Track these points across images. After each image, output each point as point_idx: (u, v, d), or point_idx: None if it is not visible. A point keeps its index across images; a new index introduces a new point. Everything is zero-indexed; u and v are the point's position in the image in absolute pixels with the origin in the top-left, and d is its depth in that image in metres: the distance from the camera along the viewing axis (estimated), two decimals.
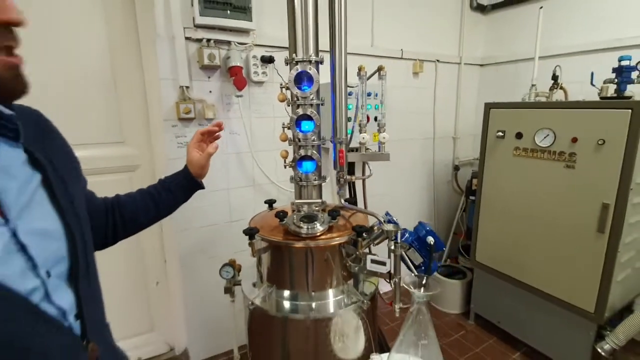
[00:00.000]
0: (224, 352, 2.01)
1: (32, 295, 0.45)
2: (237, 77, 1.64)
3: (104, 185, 1.02)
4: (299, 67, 1.12)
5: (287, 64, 1.15)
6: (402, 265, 1.18)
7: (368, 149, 1.45)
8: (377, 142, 1.42)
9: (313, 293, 1.17)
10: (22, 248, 0.45)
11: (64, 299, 0.50)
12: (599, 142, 1.51)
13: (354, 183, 2.17)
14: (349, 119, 1.42)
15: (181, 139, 1.66)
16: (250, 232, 1.13)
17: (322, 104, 1.20)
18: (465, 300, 2.38)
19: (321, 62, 1.17)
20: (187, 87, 1.62)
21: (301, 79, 1.13)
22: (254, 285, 1.25)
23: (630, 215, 1.52)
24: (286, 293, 1.18)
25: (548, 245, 1.77)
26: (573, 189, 1.63)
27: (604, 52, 2.02)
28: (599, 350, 1.61)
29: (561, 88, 1.99)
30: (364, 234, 1.13)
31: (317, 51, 1.15)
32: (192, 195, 1.00)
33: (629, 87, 1.70)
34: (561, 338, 1.79)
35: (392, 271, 1.11)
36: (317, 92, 1.16)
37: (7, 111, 0.48)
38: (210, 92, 1.69)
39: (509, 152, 1.88)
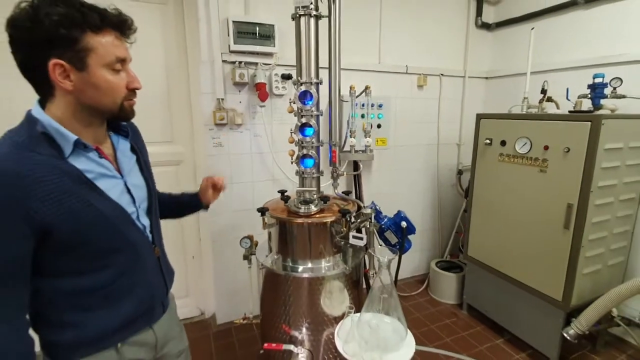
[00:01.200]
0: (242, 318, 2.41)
1: (132, 215, 0.87)
2: (261, 91, 2.05)
3: (156, 175, 1.43)
4: (303, 87, 1.49)
5: (294, 84, 1.53)
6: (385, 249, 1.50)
7: (357, 151, 1.78)
8: (364, 145, 1.73)
9: (309, 260, 1.52)
10: (129, 191, 0.87)
11: (145, 220, 0.93)
12: (565, 150, 1.73)
13: (358, 179, 2.49)
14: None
15: (216, 140, 2.09)
16: (262, 210, 1.51)
17: (320, 115, 1.55)
18: (460, 292, 2.61)
19: (320, 83, 1.53)
20: (222, 99, 2.05)
21: (304, 96, 1.50)
22: (266, 256, 1.63)
23: (593, 215, 1.72)
24: (289, 259, 1.54)
25: (525, 240, 2.00)
26: (545, 191, 1.86)
27: (592, 68, 2.20)
28: (565, 334, 1.81)
29: (552, 101, 2.20)
30: (347, 215, 1.47)
31: (317, 75, 1.51)
32: (197, 212, 1.29)
33: (609, 101, 1.90)
34: (537, 325, 2.00)
35: (367, 244, 1.44)
36: (317, 105, 1.52)
37: (123, 123, 0.91)
38: (240, 102, 2.11)
39: (495, 158, 2.12)
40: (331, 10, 1.53)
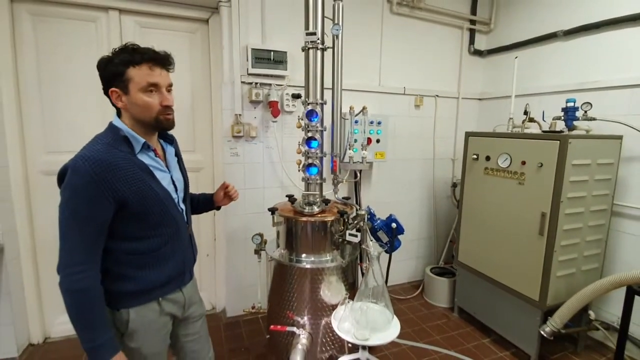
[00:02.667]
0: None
1: (175, 200, 1.17)
2: (274, 108, 2.35)
3: None
4: (310, 107, 1.77)
5: (303, 104, 1.81)
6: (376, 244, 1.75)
7: (355, 161, 2.04)
8: (361, 157, 1.99)
9: (311, 253, 1.76)
10: (173, 183, 1.18)
11: (182, 206, 1.23)
12: (539, 165, 1.97)
13: (357, 187, 2.74)
14: (355, 141, 2.05)
15: (233, 150, 2.39)
16: (272, 209, 1.78)
17: (324, 130, 1.83)
18: (452, 296, 2.80)
19: (325, 104, 1.81)
20: (240, 115, 2.35)
21: (311, 114, 1.78)
22: (273, 251, 1.88)
23: (564, 223, 1.94)
24: (294, 252, 1.79)
25: (507, 246, 2.21)
26: (523, 201, 2.08)
27: (571, 93, 2.45)
28: (542, 332, 2.00)
29: (534, 121, 2.44)
30: (344, 215, 1.72)
31: (322, 96, 1.79)
32: (210, 211, 1.54)
33: (583, 123, 2.15)
34: (518, 324, 2.19)
35: (361, 240, 1.69)
36: (321, 122, 1.80)
37: (169, 133, 1.22)
38: (255, 118, 2.41)
39: (481, 171, 2.36)
40: (335, 44, 1.83)
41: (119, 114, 1.10)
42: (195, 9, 2.30)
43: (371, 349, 2.28)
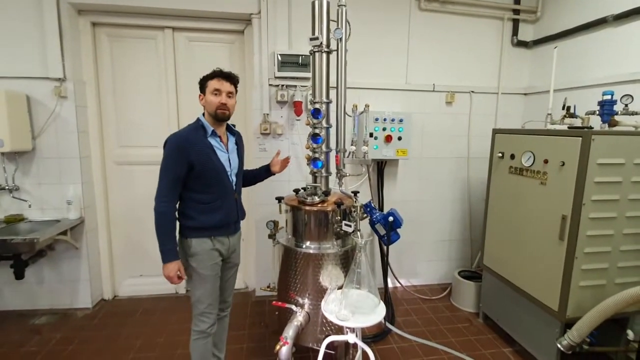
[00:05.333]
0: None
1: (227, 172, 1.70)
2: (297, 108, 2.55)
3: None
4: (316, 106, 1.93)
5: (309, 104, 1.98)
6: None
7: (357, 157, 2.13)
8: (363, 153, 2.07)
9: (312, 240, 1.92)
10: (229, 161, 1.72)
11: (233, 178, 1.75)
12: (561, 164, 1.82)
13: (382, 186, 2.80)
14: (371, 135, 2.14)
15: (261, 146, 2.66)
16: (279, 199, 1.98)
17: (330, 127, 1.97)
18: (478, 300, 2.67)
19: (329, 103, 1.95)
20: (267, 114, 2.61)
21: (316, 112, 1.93)
22: (282, 236, 2.08)
23: (587, 228, 1.76)
24: (299, 238, 1.96)
25: (528, 250, 2.07)
26: (544, 202, 1.94)
27: (623, 84, 2.17)
28: (558, 345, 1.84)
29: (574, 116, 2.21)
30: (340, 206, 1.84)
31: (327, 96, 1.93)
32: (268, 178, 2.10)
33: (631, 118, 1.91)
34: (539, 336, 2.04)
35: (353, 230, 1.79)
36: (327, 119, 1.94)
37: (234, 127, 1.81)
38: (281, 117, 2.65)
39: (506, 170, 2.24)
40: (339, 46, 1.95)
41: (204, 113, 1.68)
42: (232, 22, 2.63)
43: (378, 340, 2.35)
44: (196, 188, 1.63)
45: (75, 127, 2.46)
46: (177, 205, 1.65)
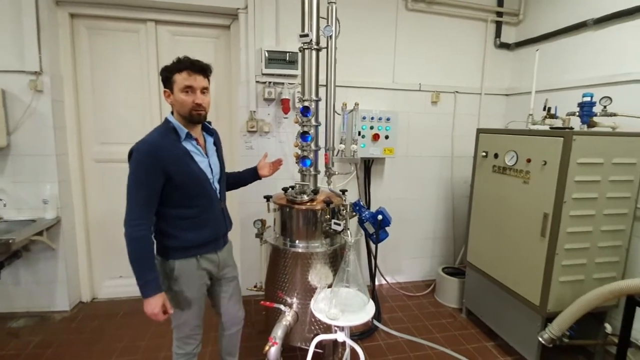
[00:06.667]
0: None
1: (210, 180, 1.47)
2: (285, 106, 2.53)
3: None
4: (305, 103, 1.91)
5: (298, 101, 1.96)
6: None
7: (345, 156, 2.13)
8: (352, 151, 2.07)
9: (301, 239, 1.90)
10: (210, 166, 1.48)
11: (216, 185, 1.52)
12: (543, 163, 1.88)
13: (369, 184, 2.81)
14: (359, 134, 2.14)
15: (248, 144, 2.62)
16: (267, 197, 1.96)
17: (319, 125, 1.95)
18: (462, 296, 2.73)
19: (319, 101, 1.93)
20: (254, 111, 2.57)
21: (305, 110, 1.92)
22: (270, 235, 2.06)
23: (568, 225, 1.83)
24: (287, 237, 1.94)
25: (510, 247, 2.13)
26: (527, 200, 2.00)
27: (602, 86, 2.25)
28: (540, 338, 1.90)
29: (555, 117, 2.28)
30: (330, 204, 1.83)
31: (317, 94, 1.92)
32: (253, 182, 1.90)
33: (608, 119, 1.98)
34: (521, 330, 2.10)
35: (342, 229, 1.79)
36: (316, 117, 1.93)
37: (210, 127, 1.56)
38: (268, 114, 2.61)
39: (490, 169, 2.29)
40: (328, 44, 1.94)
41: (172, 111, 1.43)
42: (218, 16, 2.57)
43: (365, 338, 2.36)
44: (176, 202, 1.38)
45: (51, 122, 2.34)
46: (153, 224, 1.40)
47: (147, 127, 1.45)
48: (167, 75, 1.36)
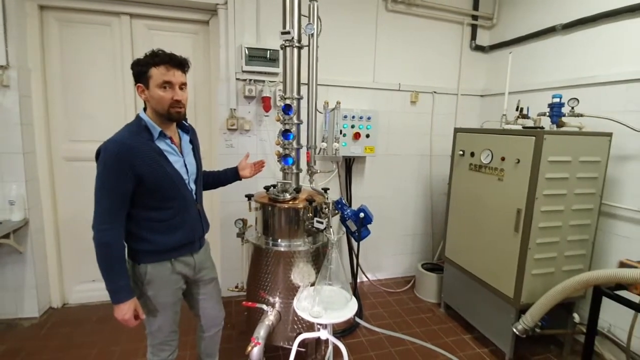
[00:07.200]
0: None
1: (185, 180, 1.39)
2: (266, 104, 2.50)
3: None
4: (287, 101, 1.90)
5: (280, 99, 1.94)
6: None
7: (327, 154, 2.14)
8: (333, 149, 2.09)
9: (283, 238, 1.90)
10: (185, 166, 1.40)
11: (192, 186, 1.45)
12: (516, 161, 1.96)
13: (349, 181, 2.84)
14: (344, 135, 2.15)
15: (228, 142, 2.57)
16: (249, 196, 1.93)
17: (300, 124, 1.95)
18: (440, 291, 2.80)
19: (301, 99, 1.93)
20: (234, 109, 2.53)
21: (287, 109, 1.91)
22: (252, 235, 2.03)
23: (540, 221, 1.91)
24: (269, 236, 1.93)
25: (486, 242, 2.20)
26: (501, 197, 2.08)
27: (569, 88, 2.36)
28: (514, 329, 1.99)
29: (527, 117, 2.38)
30: (312, 202, 1.83)
31: (299, 92, 1.91)
32: (233, 182, 1.86)
33: (575, 119, 2.09)
34: (496, 322, 2.18)
35: (325, 227, 1.79)
36: (298, 115, 1.92)
37: (186, 124, 1.47)
38: (249, 112, 2.58)
39: (466, 167, 2.36)
40: (310, 42, 1.94)
41: (145, 108, 1.35)
42: (196, 12, 2.51)
43: (347, 335, 2.38)
44: (148, 205, 1.31)
45: (18, 119, 2.21)
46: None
47: (121, 124, 1.36)
48: (142, 70, 1.27)
